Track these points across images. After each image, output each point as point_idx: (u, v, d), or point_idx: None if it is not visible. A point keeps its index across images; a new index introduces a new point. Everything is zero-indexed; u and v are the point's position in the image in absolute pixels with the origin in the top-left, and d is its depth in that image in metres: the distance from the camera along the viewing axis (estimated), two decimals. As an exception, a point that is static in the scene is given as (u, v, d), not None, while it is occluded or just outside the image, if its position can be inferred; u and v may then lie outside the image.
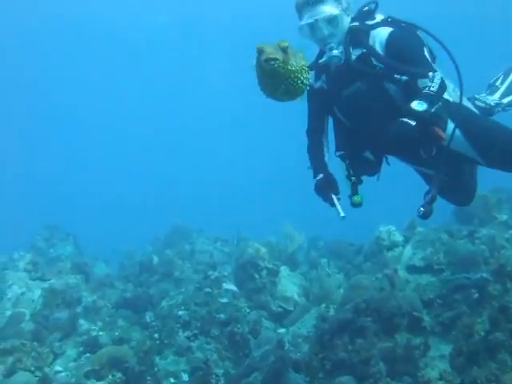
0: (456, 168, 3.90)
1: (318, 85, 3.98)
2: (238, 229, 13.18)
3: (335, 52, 3.69)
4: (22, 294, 8.56)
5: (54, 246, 13.30)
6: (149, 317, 8.15)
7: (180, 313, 7.46)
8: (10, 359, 6.86)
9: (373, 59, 3.64)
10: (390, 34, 3.65)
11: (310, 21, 3.67)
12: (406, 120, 3.18)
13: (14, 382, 6.54)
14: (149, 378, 6.62)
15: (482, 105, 4.18)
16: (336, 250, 11.50)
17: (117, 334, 7.74)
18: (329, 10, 3.65)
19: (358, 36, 3.71)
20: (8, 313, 8.28)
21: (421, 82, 3.42)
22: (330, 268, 10.29)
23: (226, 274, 8.78)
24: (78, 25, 32.47)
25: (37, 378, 6.69)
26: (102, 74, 39.04)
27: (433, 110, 3.19)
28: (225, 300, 7.88)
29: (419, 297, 6.76)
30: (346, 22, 3.75)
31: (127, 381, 6.77)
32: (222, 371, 6.57)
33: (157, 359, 7.03)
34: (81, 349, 7.68)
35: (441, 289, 6.94)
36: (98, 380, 6.83)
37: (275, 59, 2.93)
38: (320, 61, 3.80)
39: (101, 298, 8.82)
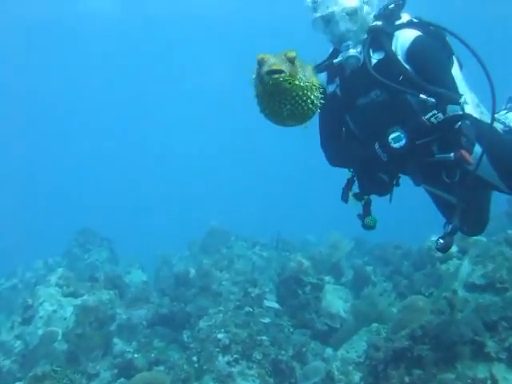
0: (476, 194, 3.53)
1: (330, 89, 3.53)
2: (278, 232, 12.78)
3: (352, 51, 3.23)
4: (54, 311, 8.34)
5: (88, 252, 13.16)
6: (186, 336, 7.86)
7: (219, 336, 7.05)
8: (42, 387, 6.55)
9: (394, 68, 3.22)
10: (415, 41, 3.22)
11: (326, 12, 3.22)
12: None
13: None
14: (187, 408, 6.26)
15: (501, 126, 3.65)
16: (381, 255, 11.04)
17: (153, 355, 7.42)
18: (348, 1, 3.20)
19: (379, 37, 3.27)
20: (40, 332, 8.06)
21: (451, 109, 3.06)
22: (376, 276, 9.84)
23: (267, 290, 8.35)
24: (77, 24, 32.45)
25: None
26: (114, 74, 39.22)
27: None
28: (267, 320, 7.47)
29: (481, 319, 6.23)
30: (368, 18, 3.32)
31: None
32: (266, 404, 6.17)
33: (196, 386, 6.67)
34: (115, 371, 7.41)
35: (505, 310, 6.38)
36: (131, 410, 6.51)
37: (280, 71, 2.37)
38: (334, 61, 3.33)
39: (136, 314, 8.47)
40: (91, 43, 35.36)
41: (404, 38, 3.23)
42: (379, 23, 3.28)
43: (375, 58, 3.27)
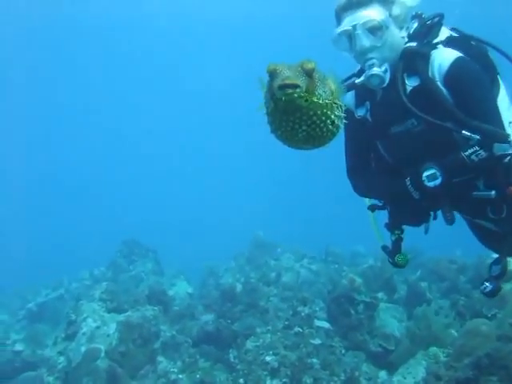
0: None
1: (360, 113, 3.16)
2: (326, 244, 12.38)
3: (376, 70, 2.84)
4: (97, 327, 8.11)
5: (133, 263, 13.00)
6: (233, 356, 7.49)
7: (268, 358, 6.72)
8: (83, 409, 6.31)
9: (431, 97, 2.82)
10: (454, 64, 2.80)
11: (347, 28, 2.86)
12: None
13: None
14: None
15: None
16: (435, 269, 10.51)
17: (198, 376, 7.12)
18: (372, 14, 2.82)
19: (414, 61, 2.88)
20: (83, 349, 7.84)
21: (498, 147, 2.69)
22: (431, 293, 9.35)
23: (317, 308, 7.97)
24: (76, 23, 32.56)
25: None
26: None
27: None
28: (317, 341, 7.09)
29: (551, 345, 5.73)
30: (397, 36, 2.93)
31: None
32: None
33: (241, 412, 6.33)
34: (160, 392, 7.11)
35: None
36: None
37: (295, 86, 1.97)
38: (357, 81, 2.97)
39: (180, 331, 8.20)
40: (93, 43, 35.74)
41: (441, 61, 2.84)
42: (413, 44, 2.90)
43: (410, 84, 2.90)
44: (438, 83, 2.80)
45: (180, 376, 7.14)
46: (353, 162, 3.31)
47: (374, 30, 2.83)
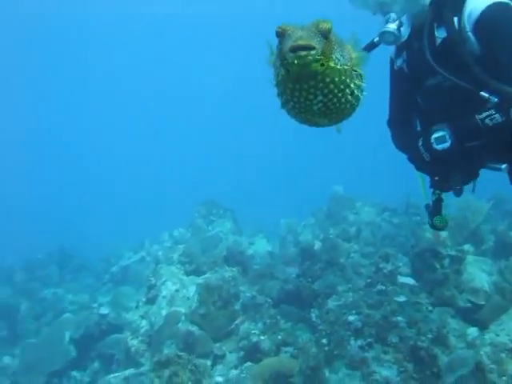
0: None
1: (398, 63, 2.95)
2: (407, 195, 11.92)
3: (390, 26, 2.61)
4: (177, 291, 8.11)
5: (212, 223, 12.97)
6: (314, 316, 7.30)
7: (350, 318, 6.48)
8: (166, 373, 6.31)
9: (456, 51, 2.53)
10: (488, 9, 2.44)
11: None
12: None
13: (171, 402, 5.98)
14: (319, 399, 5.76)
15: None
16: (524, 218, 9.95)
17: (280, 337, 6.99)
18: None
19: (443, 9, 2.55)
20: (164, 312, 7.87)
21: None
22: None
23: (400, 264, 7.63)
24: (76, 22, 32.39)
25: (195, 396, 6.09)
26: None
27: None
28: (402, 298, 6.79)
29: None
30: None
31: (294, 399, 5.99)
32: (406, 396, 5.52)
33: (326, 373, 6.13)
34: (241, 353, 7.06)
35: None
36: (261, 397, 6.10)
37: (309, 48, 1.68)
38: (375, 39, 2.73)
39: (260, 291, 8.07)
40: (94, 43, 35.83)
41: (474, 6, 2.48)
42: None
43: (439, 36, 2.62)
44: (469, 34, 2.49)
45: (262, 338, 7.02)
46: (392, 114, 3.15)
47: None
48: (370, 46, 2.79)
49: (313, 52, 1.68)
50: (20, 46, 36.22)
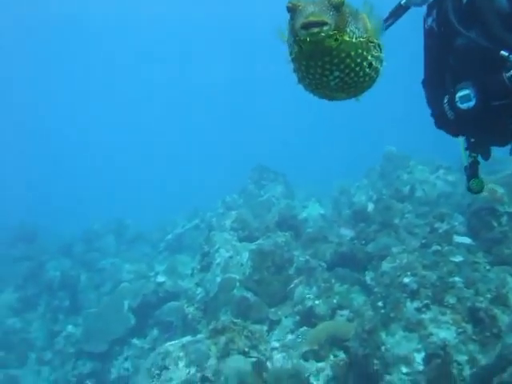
0: None
1: (429, 22, 2.82)
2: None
3: None
4: (231, 257, 8.13)
5: (263, 188, 12.94)
6: (369, 278, 7.23)
7: (406, 280, 6.35)
8: (223, 340, 6.36)
9: (480, 8, 2.46)
10: None
11: None
12: None
13: (227, 368, 6.05)
14: (376, 361, 5.73)
15: None
16: None
17: (335, 301, 6.95)
18: None
19: None
20: (218, 279, 7.93)
21: None
22: None
23: (456, 223, 7.43)
24: (76, 22, 32.03)
25: (251, 362, 6.12)
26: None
27: None
28: (458, 258, 6.61)
29: None
30: None
31: (351, 362, 5.97)
32: (465, 358, 5.41)
33: (383, 336, 6.07)
34: (297, 318, 7.06)
35: None
36: (317, 361, 6.13)
37: (322, 23, 1.61)
38: (402, 2, 2.69)
39: (313, 255, 8.03)
40: (93, 42, 35.66)
41: None
42: None
43: None
44: None
45: (316, 302, 7.01)
46: (425, 73, 3.04)
47: None
48: (399, 9, 2.74)
49: (325, 28, 1.61)
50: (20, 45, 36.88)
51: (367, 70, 1.80)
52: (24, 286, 12.50)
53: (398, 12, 2.77)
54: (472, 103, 2.44)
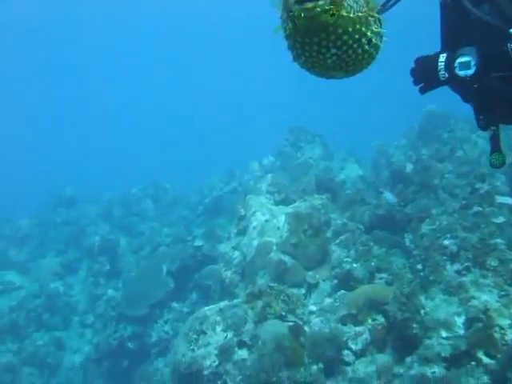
0: None
1: None
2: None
3: None
4: (267, 221, 8.10)
5: (300, 150, 12.81)
6: (408, 240, 7.11)
7: (446, 242, 6.23)
8: (259, 304, 6.37)
9: None
10: None
11: None
12: None
13: (264, 332, 6.06)
14: (415, 325, 5.66)
15: None
16: None
17: (373, 264, 6.87)
18: None
19: None
20: (255, 243, 7.91)
21: None
22: None
23: (498, 183, 7.22)
24: (76, 22, 31.42)
25: (288, 326, 6.12)
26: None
27: None
28: (500, 219, 6.44)
29: None
30: None
31: (389, 327, 5.91)
32: (508, 322, 5.29)
33: (422, 299, 5.98)
34: (335, 281, 7.00)
35: None
36: (355, 325, 6.09)
37: None
38: None
39: (351, 218, 7.93)
40: (94, 42, 35.23)
41: None
42: None
43: None
44: None
45: (354, 265, 6.92)
46: (441, 46, 2.85)
47: None
48: None
49: (321, 2, 1.50)
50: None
51: (366, 46, 1.69)
52: (65, 251, 12.76)
53: None
54: (471, 71, 2.34)
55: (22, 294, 11.57)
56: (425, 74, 2.49)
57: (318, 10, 1.51)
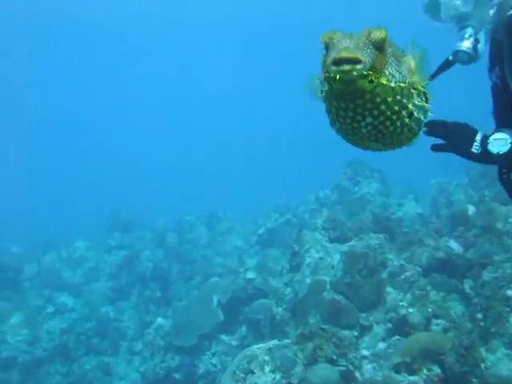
0: None
1: (493, 78, 2.65)
2: None
3: (465, 45, 2.33)
4: (321, 259, 7.94)
5: (358, 184, 12.60)
6: (468, 286, 6.82)
7: (509, 293, 5.94)
8: (310, 346, 6.20)
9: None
10: None
11: None
12: None
13: (314, 376, 5.88)
14: (474, 380, 5.38)
15: None
16: None
17: (430, 310, 6.61)
18: None
19: None
20: (308, 280, 7.77)
21: None
22: None
23: None
24: (77, 23, 31.67)
25: (339, 371, 5.91)
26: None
27: None
28: None
29: None
30: None
31: (446, 379, 5.63)
32: None
33: (482, 352, 5.69)
34: (389, 325, 6.77)
35: None
36: (410, 374, 5.82)
37: (356, 61, 1.38)
38: (450, 58, 2.51)
39: (408, 260, 7.67)
40: (94, 44, 35.54)
41: None
42: None
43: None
44: None
45: (410, 310, 6.68)
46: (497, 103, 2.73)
47: None
48: (446, 65, 2.55)
49: (359, 66, 1.40)
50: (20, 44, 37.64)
51: (406, 120, 1.58)
52: (118, 275, 12.83)
53: (445, 67, 2.58)
54: (505, 148, 2.17)
55: (74, 316, 11.66)
56: (457, 138, 2.31)
57: (355, 73, 1.41)
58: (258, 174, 27.50)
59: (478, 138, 2.24)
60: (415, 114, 1.61)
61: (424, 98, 1.67)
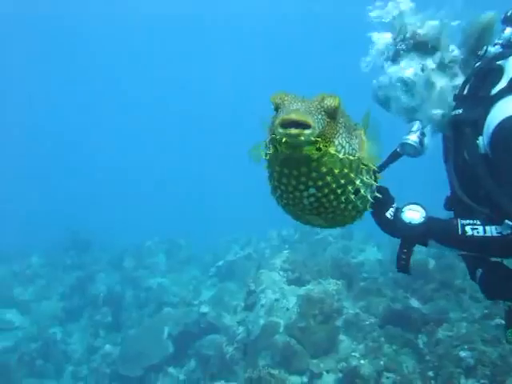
0: None
1: (448, 168, 2.73)
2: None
3: (411, 138, 2.32)
4: (276, 300, 7.77)
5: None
6: (422, 342, 6.71)
7: (462, 354, 5.84)
8: (260, 390, 6.01)
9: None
10: (501, 124, 2.05)
11: (379, 81, 2.42)
12: None
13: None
14: None
15: None
16: None
17: (382, 363, 6.47)
18: (405, 70, 2.29)
19: (463, 132, 2.21)
20: (262, 321, 7.58)
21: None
22: None
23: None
24: (76, 23, 32.25)
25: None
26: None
27: None
28: (524, 335, 5.99)
29: None
30: (446, 87, 2.30)
31: None
32: None
33: (431, 412, 5.57)
34: (339, 375, 6.62)
35: None
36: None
37: (304, 125, 1.27)
38: (398, 149, 2.48)
39: (365, 309, 7.57)
40: (94, 43, 36.00)
41: (491, 120, 2.10)
42: (460, 112, 2.22)
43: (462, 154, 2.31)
44: (488, 151, 2.11)
45: (362, 362, 6.54)
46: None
47: (406, 86, 2.29)
48: (394, 156, 2.50)
49: (307, 131, 1.29)
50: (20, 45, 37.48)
51: (351, 196, 1.47)
52: (70, 296, 12.46)
53: (393, 158, 2.52)
54: (417, 221, 2.11)
55: (19, 335, 11.26)
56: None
57: (303, 139, 1.29)
58: (224, 205, 27.27)
59: (394, 205, 2.17)
60: (362, 191, 1.50)
61: (373, 176, 1.57)
